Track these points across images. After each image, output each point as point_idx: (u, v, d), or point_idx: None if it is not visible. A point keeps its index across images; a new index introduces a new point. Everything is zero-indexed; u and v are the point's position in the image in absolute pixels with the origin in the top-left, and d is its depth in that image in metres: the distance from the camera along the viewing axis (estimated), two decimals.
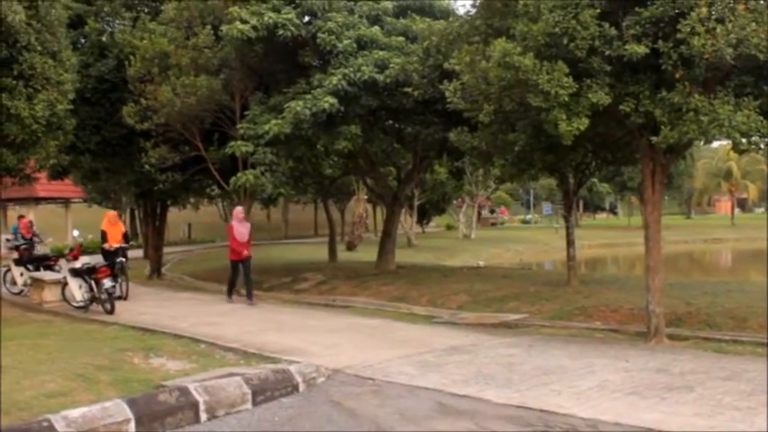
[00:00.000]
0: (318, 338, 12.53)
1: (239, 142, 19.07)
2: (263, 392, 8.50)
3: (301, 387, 9.00)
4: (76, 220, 20.93)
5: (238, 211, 18.92)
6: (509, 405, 8.01)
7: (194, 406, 7.71)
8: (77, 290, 16.51)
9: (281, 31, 18.60)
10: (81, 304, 16.35)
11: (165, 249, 27.16)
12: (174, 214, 37.56)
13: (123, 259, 18.59)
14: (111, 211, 20.84)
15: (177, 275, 27.72)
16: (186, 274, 28.37)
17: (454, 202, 59.40)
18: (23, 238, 20.68)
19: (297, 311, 16.77)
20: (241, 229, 18.38)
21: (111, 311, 15.74)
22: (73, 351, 10.62)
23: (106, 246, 18.58)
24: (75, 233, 19.36)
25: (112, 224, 19.22)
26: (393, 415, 7.81)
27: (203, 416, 7.73)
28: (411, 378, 9.44)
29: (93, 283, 16.17)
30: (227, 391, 8.17)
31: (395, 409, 8.02)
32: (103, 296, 15.94)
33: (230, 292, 18.68)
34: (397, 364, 10.29)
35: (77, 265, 16.58)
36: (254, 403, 8.31)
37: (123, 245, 18.86)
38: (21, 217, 22.92)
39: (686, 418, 7.38)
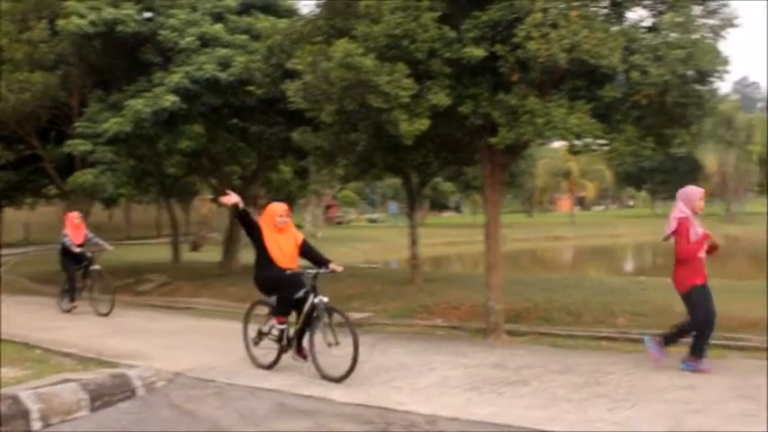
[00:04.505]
0: (160, 341, 12.33)
1: (77, 141, 18.58)
2: (100, 398, 8.29)
3: (140, 391, 8.83)
4: None
5: (691, 194, 9.57)
6: (350, 404, 8.07)
7: (26, 414, 7.46)
8: None
9: (120, 27, 18.23)
10: None
11: (1, 251, 26.13)
12: (10, 214, 36.17)
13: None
14: (280, 204, 10.59)
15: (13, 278, 26.72)
16: (24, 277, 27.42)
17: (300, 201, 59.36)
18: None
19: (139, 314, 16.42)
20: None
21: None
22: None
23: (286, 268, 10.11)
24: None
25: (279, 229, 10.25)
26: (233, 417, 7.75)
27: (36, 424, 7.48)
28: (254, 379, 9.40)
29: None
30: (62, 398, 7.94)
31: (236, 411, 7.97)
32: None
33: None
34: (240, 366, 10.23)
35: None
36: (92, 409, 8.11)
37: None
38: None
39: (521, 410, 7.59)
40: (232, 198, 9.96)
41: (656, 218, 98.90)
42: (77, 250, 16.72)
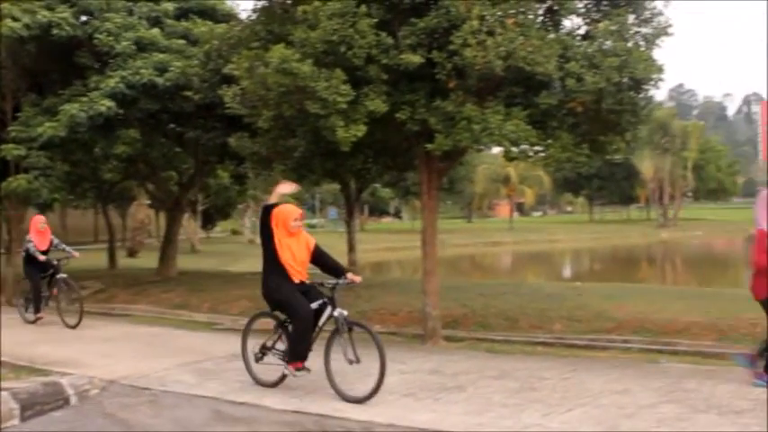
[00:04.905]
0: (94, 348, 12.16)
1: (11, 145, 18.26)
2: (32, 407, 8.13)
3: (73, 400, 8.68)
4: None
5: None
6: (286, 411, 8.02)
7: None
8: None
9: (55, 31, 17.97)
10: None
11: None
12: None
13: None
14: (294, 207, 9.76)
15: None
16: None
17: (239, 206, 59.00)
18: None
19: None
20: None
21: None
22: None
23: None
24: None
25: (291, 234, 9.31)
26: (168, 425, 7.67)
27: None
28: (189, 387, 9.29)
29: None
30: None
31: (170, 419, 7.88)
32: None
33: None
34: (176, 373, 10.11)
35: None
36: (23, 419, 7.94)
37: None
38: None
39: (457, 416, 7.61)
40: (293, 186, 9.54)
41: (593, 224, 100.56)
42: (42, 257, 15.52)
